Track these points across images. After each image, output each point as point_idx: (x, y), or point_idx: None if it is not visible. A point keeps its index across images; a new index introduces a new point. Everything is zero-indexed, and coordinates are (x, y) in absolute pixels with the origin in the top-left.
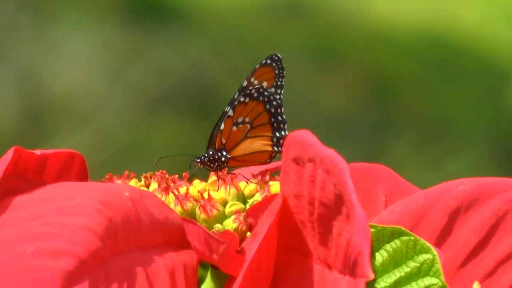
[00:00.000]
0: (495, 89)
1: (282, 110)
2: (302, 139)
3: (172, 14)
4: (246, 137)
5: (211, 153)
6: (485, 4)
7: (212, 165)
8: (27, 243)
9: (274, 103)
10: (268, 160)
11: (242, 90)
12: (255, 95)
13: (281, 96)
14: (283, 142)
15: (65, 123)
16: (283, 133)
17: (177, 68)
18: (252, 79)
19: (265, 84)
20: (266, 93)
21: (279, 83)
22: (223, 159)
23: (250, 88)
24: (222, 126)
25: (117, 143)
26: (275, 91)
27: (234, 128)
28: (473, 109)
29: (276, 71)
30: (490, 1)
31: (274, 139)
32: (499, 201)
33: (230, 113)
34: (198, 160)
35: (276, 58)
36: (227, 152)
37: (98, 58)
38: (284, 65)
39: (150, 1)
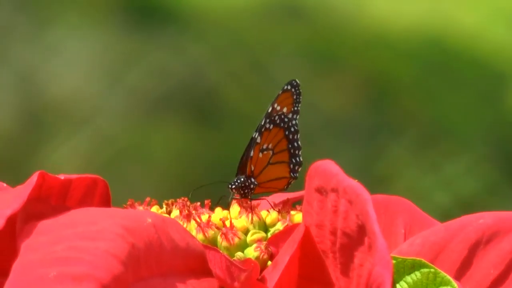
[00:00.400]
0: (494, 92)
1: (299, 136)
2: (325, 169)
3: (170, 17)
4: (269, 163)
5: (242, 179)
6: (483, 7)
7: (242, 192)
8: (50, 267)
9: (292, 129)
10: (285, 187)
11: (268, 116)
12: (278, 121)
13: (297, 121)
14: (298, 168)
15: (64, 125)
16: (298, 159)
17: (176, 71)
18: (276, 105)
19: (285, 109)
20: (286, 119)
21: (295, 108)
22: (252, 186)
23: (274, 114)
24: (252, 153)
25: (115, 145)
26: (292, 116)
27: (260, 154)
28: (472, 112)
29: (294, 97)
30: (488, 3)
31: (291, 165)
32: None
33: (258, 139)
34: (233, 186)
35: (295, 83)
36: (255, 179)
37: (96, 60)
38: (301, 91)
39: (148, 3)
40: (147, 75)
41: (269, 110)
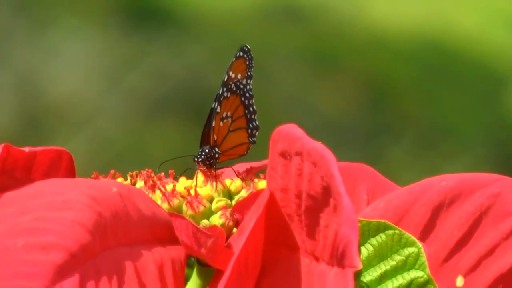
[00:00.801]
0: (492, 94)
1: (253, 101)
2: (289, 132)
3: (169, 20)
4: (229, 131)
5: (207, 150)
6: (482, 9)
7: (207, 163)
8: (18, 238)
9: (247, 94)
10: (245, 152)
11: (224, 85)
12: (234, 88)
13: (251, 86)
14: (255, 132)
15: (63, 127)
16: (254, 123)
17: (175, 73)
18: (231, 73)
19: (239, 76)
20: (241, 86)
21: (249, 73)
22: (216, 155)
23: (231, 82)
24: (214, 123)
25: (115, 147)
26: (246, 81)
27: (221, 123)
28: (470, 114)
29: (247, 62)
30: (487, 6)
31: (249, 130)
32: (482, 196)
33: (218, 109)
34: (200, 160)
35: (246, 49)
36: (218, 148)
37: (96, 62)
38: (252, 56)
39: (147, 6)
40: (146, 77)
41: (225, 79)
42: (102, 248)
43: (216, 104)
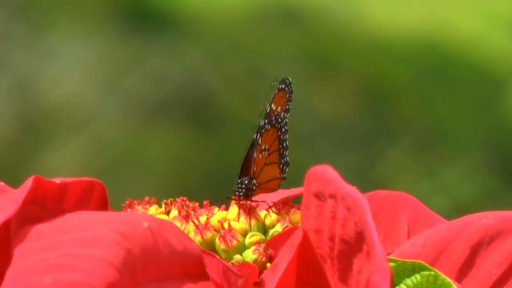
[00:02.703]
0: (490, 97)
1: (287, 137)
2: (323, 174)
3: (167, 23)
4: (265, 164)
5: (246, 182)
6: (481, 12)
7: (246, 194)
8: (44, 275)
9: (283, 129)
10: (277, 188)
11: (265, 117)
12: (274, 122)
13: (287, 120)
14: (286, 168)
15: (60, 131)
16: (286, 159)
17: (173, 77)
18: (273, 105)
19: (279, 109)
20: (280, 120)
21: (288, 107)
22: (254, 188)
23: (272, 115)
24: (255, 154)
25: (112, 151)
26: (284, 115)
27: (260, 155)
28: (468, 118)
29: (287, 95)
30: (486, 9)
31: (280, 165)
32: None
33: (259, 140)
34: (241, 194)
35: (287, 82)
36: (256, 180)
37: (93, 66)
38: (293, 89)
39: (145, 9)
40: (144, 81)
41: (267, 111)
42: (130, 286)
43: (258, 135)
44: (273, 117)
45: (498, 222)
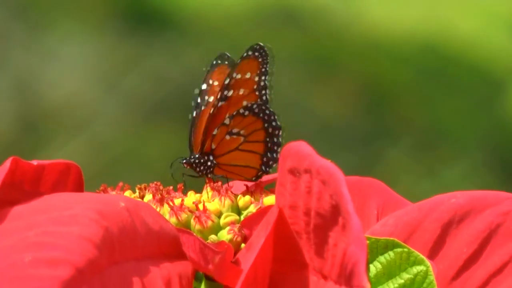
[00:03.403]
0: (490, 98)
1: (280, 133)
2: (298, 150)
3: (166, 23)
4: (237, 148)
5: (198, 156)
6: (480, 13)
7: (197, 168)
8: (24, 253)
9: (274, 123)
10: (253, 178)
11: (226, 88)
12: (256, 110)
13: (266, 83)
14: (272, 163)
15: (60, 131)
16: (275, 155)
17: (172, 77)
18: (235, 75)
19: (248, 74)
20: (267, 112)
21: (263, 70)
22: (209, 163)
23: (253, 103)
24: (215, 132)
25: (112, 151)
26: (260, 78)
27: (227, 137)
28: (468, 118)
29: (260, 59)
30: (485, 9)
31: (265, 158)
32: (492, 214)
33: (227, 121)
34: (184, 161)
35: (256, 47)
36: (214, 157)
37: (93, 66)
38: (268, 52)
39: (145, 10)
40: (143, 81)
41: (227, 82)
42: (109, 263)
43: (213, 110)
44: (255, 106)
45: (468, 202)
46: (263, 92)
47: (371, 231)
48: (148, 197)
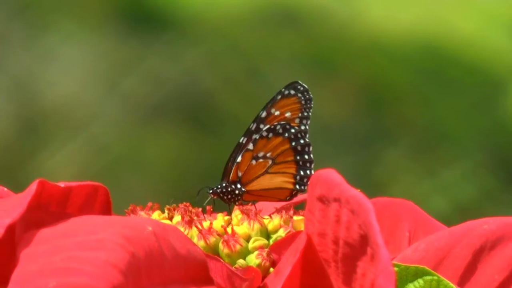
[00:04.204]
0: (490, 99)
1: (310, 149)
2: (327, 177)
3: (166, 24)
4: (266, 172)
5: (224, 185)
6: (480, 13)
7: (225, 197)
8: (49, 278)
9: (302, 141)
10: (288, 198)
11: (261, 121)
12: (280, 131)
13: (307, 127)
14: (307, 181)
15: (60, 132)
16: (308, 172)
17: (172, 78)
18: (273, 110)
19: (288, 114)
20: (293, 130)
21: (305, 114)
22: (237, 191)
23: (275, 123)
24: (239, 159)
25: (111, 152)
26: (301, 121)
27: (253, 162)
28: (467, 119)
29: (303, 102)
30: (485, 10)
31: (298, 177)
32: None
33: (250, 147)
34: (211, 191)
35: (300, 88)
36: (242, 185)
37: (92, 67)
38: (311, 96)
39: (144, 11)
40: (143, 82)
41: (263, 115)
42: None
43: (245, 139)
44: (278, 126)
45: (500, 228)
46: (303, 135)
47: (402, 256)
48: (177, 218)
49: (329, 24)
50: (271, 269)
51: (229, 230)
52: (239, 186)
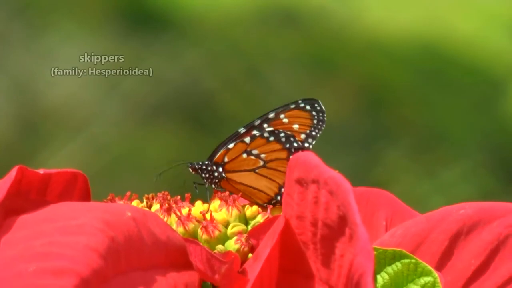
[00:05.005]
0: (489, 99)
1: None
2: (305, 160)
3: (166, 24)
4: (253, 170)
5: (206, 163)
6: (479, 14)
7: (203, 174)
8: (29, 262)
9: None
10: (265, 204)
11: (266, 121)
12: (283, 139)
13: (311, 146)
14: None
15: (59, 132)
16: None
17: (172, 78)
18: (282, 116)
19: (296, 126)
20: (295, 144)
21: (313, 133)
22: (216, 174)
23: (280, 130)
24: (231, 146)
25: (111, 152)
26: (306, 139)
27: (244, 155)
28: (467, 119)
29: (315, 121)
30: (484, 10)
31: (282, 189)
32: (500, 225)
33: (247, 140)
34: (190, 165)
35: (317, 107)
36: (224, 171)
37: (92, 68)
38: (325, 118)
39: (144, 11)
40: (143, 82)
41: (270, 116)
42: (114, 273)
43: (244, 130)
44: (282, 134)
45: (476, 213)
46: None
47: (379, 241)
48: (156, 206)
49: (329, 24)
50: (250, 255)
51: (207, 216)
52: (220, 170)
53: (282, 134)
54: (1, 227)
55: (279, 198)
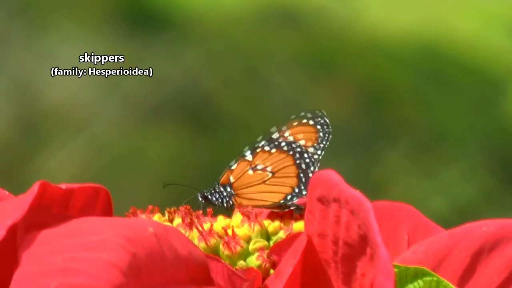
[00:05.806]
0: (489, 99)
1: (315, 169)
2: (327, 178)
3: (166, 24)
4: (263, 183)
5: (211, 189)
6: (479, 14)
7: (213, 198)
8: (51, 278)
9: (307, 160)
10: (282, 202)
11: (271, 140)
12: (284, 147)
13: (319, 157)
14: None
15: (59, 132)
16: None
17: (172, 78)
18: (286, 134)
19: (302, 141)
20: (298, 149)
21: (321, 145)
22: (225, 193)
23: (288, 142)
24: (234, 166)
25: (111, 152)
26: (315, 151)
27: (250, 171)
28: (467, 119)
29: (321, 134)
30: (485, 10)
31: (297, 189)
32: None
33: (248, 157)
34: (199, 195)
35: (321, 120)
36: (232, 189)
37: (92, 68)
38: (331, 129)
39: (144, 11)
40: (142, 83)
41: (274, 136)
42: None
43: (249, 151)
44: (283, 143)
45: (499, 230)
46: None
47: (401, 258)
48: (178, 221)
49: (329, 24)
50: (272, 271)
51: (229, 232)
52: (228, 189)
53: (283, 143)
54: (23, 242)
55: (294, 193)
